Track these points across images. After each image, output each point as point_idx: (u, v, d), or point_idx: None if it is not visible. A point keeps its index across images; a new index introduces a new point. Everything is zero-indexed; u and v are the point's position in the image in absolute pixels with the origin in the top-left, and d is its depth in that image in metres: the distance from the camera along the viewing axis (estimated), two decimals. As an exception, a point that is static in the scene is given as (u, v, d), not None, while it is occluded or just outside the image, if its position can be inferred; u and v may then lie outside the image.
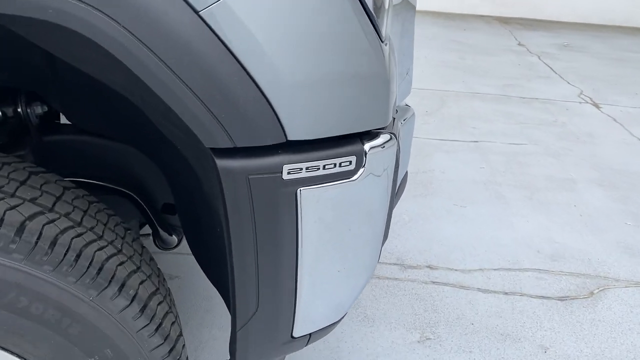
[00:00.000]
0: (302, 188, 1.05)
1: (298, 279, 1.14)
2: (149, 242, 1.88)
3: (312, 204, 1.08)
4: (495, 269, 2.73)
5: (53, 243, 0.97)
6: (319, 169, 1.05)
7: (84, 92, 1.40)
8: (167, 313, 1.16)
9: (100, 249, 1.05)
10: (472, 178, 3.68)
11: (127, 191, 1.61)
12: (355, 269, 1.26)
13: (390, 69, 1.13)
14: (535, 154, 4.17)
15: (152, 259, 1.27)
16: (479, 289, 2.57)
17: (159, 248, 1.79)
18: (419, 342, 2.22)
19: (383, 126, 1.16)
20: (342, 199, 1.12)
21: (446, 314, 2.38)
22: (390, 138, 1.19)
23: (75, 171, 1.58)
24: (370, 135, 1.15)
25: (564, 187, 3.66)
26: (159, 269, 1.30)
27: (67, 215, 1.05)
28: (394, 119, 1.32)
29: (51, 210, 1.03)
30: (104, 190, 1.60)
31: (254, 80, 0.94)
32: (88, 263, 1.01)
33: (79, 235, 1.03)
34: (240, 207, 1.02)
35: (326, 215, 1.11)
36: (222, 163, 0.97)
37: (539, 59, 7.44)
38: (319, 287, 1.21)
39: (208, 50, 0.90)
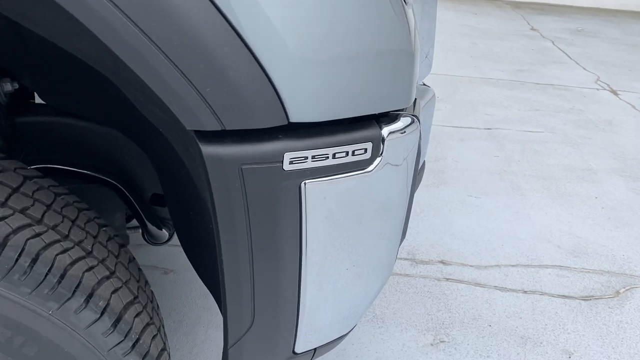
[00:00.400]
0: (307, 181, 0.87)
1: (301, 287, 0.97)
2: (137, 236, 1.71)
3: (319, 199, 0.89)
4: (512, 265, 2.55)
5: (2, 245, 0.80)
6: (327, 158, 0.87)
7: (57, 66, 1.22)
8: (146, 325, 0.99)
9: (64, 251, 0.87)
10: (486, 167, 3.48)
11: (111, 180, 1.44)
12: (369, 273, 1.08)
13: (414, 38, 0.94)
14: (552, 143, 3.97)
15: (131, 260, 1.09)
16: (496, 287, 2.39)
17: (149, 243, 1.62)
18: (432, 345, 2.05)
19: (404, 107, 0.97)
20: (355, 193, 0.94)
21: (461, 314, 2.21)
22: (412, 121, 1.00)
23: (51, 157, 1.40)
24: (389, 118, 0.97)
25: (584, 177, 3.46)
26: (140, 270, 1.13)
27: (23, 211, 0.87)
28: (415, 99, 1.14)
29: (3, 205, 0.85)
30: (84, 178, 1.42)
31: (247, 46, 0.75)
32: (47, 269, 0.83)
33: (36, 235, 0.85)
34: (232, 203, 0.84)
35: (336, 212, 0.93)
36: (208, 150, 0.79)
37: (553, 44, 7.20)
38: (326, 295, 1.03)
39: (190, 9, 0.72)
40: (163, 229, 1.57)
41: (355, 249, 1.01)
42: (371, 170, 0.93)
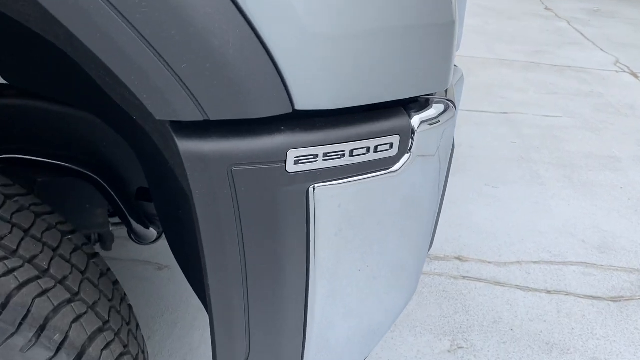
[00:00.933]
0: (316, 185, 0.68)
1: (308, 316, 0.78)
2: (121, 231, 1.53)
3: (332, 208, 0.70)
4: (534, 262, 2.36)
5: None
6: (343, 155, 0.68)
7: (16, 39, 1.02)
8: (120, 357, 0.81)
9: (8, 272, 0.69)
10: (503, 154, 3.28)
11: (88, 172, 1.25)
12: (391, 294, 0.89)
13: (455, 4, 0.74)
14: (572, 128, 3.75)
15: (104, 274, 0.91)
16: (517, 286, 2.20)
17: (136, 243, 1.44)
18: (449, 351, 1.87)
19: (439, 90, 0.77)
20: (376, 199, 0.74)
21: (480, 317, 2.03)
22: (447, 108, 0.80)
23: (19, 146, 1.22)
24: (419, 104, 0.77)
25: (607, 165, 3.25)
26: (115, 284, 0.94)
27: (-45, 221, 0.68)
28: (448, 81, 0.93)
29: None
30: (57, 170, 1.24)
31: (240, 9, 0.56)
32: (-18, 298, 0.65)
33: (-30, 253, 0.66)
34: (220, 215, 0.65)
35: (352, 223, 0.74)
36: (187, 146, 0.60)
37: (569, 24, 6.92)
38: (339, 322, 0.85)
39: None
40: (151, 228, 1.39)
41: (376, 266, 0.82)
42: (397, 170, 0.74)
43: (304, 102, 0.63)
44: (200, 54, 0.54)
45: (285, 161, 0.64)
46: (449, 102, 0.81)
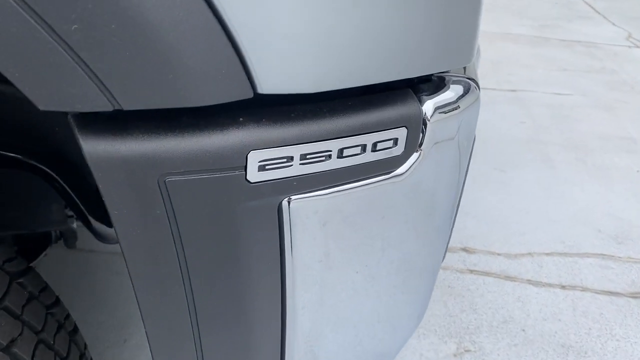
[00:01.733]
0: (293, 198, 0.49)
1: (286, 349, 0.60)
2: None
3: (315, 228, 0.51)
4: (547, 254, 2.18)
5: None
6: (329, 157, 0.48)
7: None
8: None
9: None
10: (512, 135, 3.08)
11: (36, 163, 1.05)
12: (394, 329, 0.71)
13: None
14: (584, 107, 3.54)
15: (34, 296, 0.72)
16: (529, 281, 2.03)
17: (100, 242, 1.25)
18: (455, 355, 1.70)
19: (461, 66, 0.58)
20: (376, 213, 0.55)
21: (489, 316, 1.86)
22: (469, 89, 0.61)
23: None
24: (433, 85, 0.57)
25: (623, 147, 3.06)
26: (50, 307, 0.76)
27: None
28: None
29: None
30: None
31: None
32: None
33: None
34: (151, 242, 0.46)
35: (341, 247, 0.55)
36: (96, 147, 0.41)
37: (578, -3, 6.64)
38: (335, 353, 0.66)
39: None
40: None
41: (375, 294, 0.63)
42: (403, 174, 0.55)
43: (271, 83, 0.43)
44: (99, 8, 0.34)
45: (246, 167, 0.45)
46: (470, 82, 0.61)
